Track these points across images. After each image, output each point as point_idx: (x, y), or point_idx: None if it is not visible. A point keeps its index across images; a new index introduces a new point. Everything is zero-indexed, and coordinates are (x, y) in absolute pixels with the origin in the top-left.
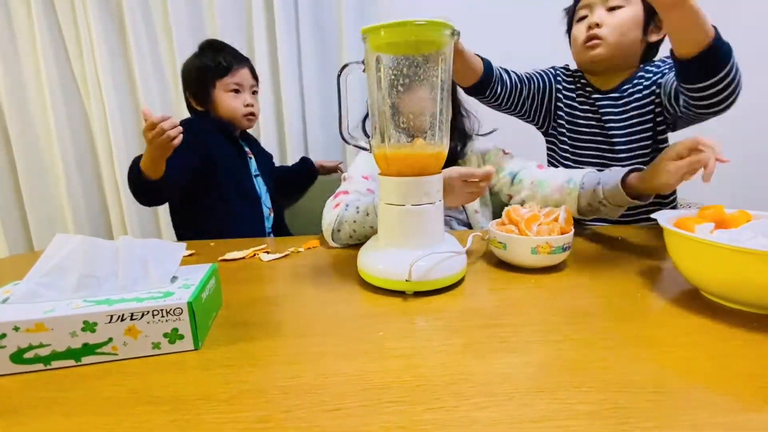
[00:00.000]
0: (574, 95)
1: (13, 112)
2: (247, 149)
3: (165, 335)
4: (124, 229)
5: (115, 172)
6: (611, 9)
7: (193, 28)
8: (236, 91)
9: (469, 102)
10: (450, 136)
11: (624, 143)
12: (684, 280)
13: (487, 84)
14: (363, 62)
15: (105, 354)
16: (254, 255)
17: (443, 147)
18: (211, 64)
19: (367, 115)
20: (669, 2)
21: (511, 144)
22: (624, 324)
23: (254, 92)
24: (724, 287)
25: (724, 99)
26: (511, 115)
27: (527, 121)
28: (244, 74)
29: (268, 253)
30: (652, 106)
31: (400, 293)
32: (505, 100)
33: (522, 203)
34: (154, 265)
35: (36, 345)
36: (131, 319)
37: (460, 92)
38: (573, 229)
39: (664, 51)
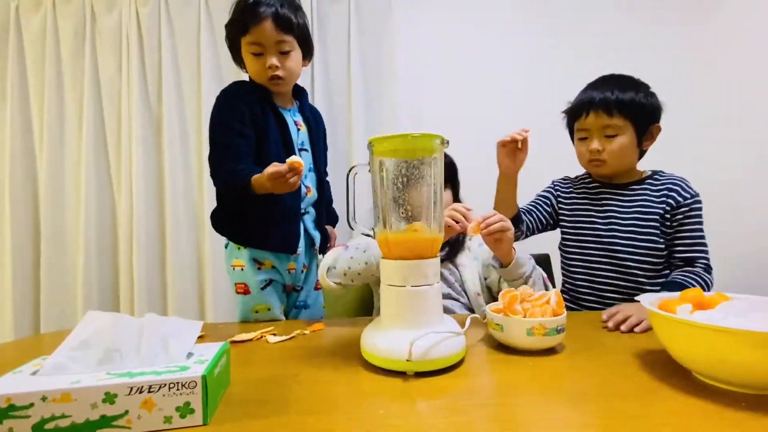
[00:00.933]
0: (574, 194)
1: (48, 199)
2: (296, 118)
3: (177, 409)
4: None
5: (132, 266)
6: (608, 136)
7: None
8: (258, 53)
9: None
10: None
11: (625, 238)
12: (675, 361)
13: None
14: (369, 164)
15: (119, 428)
16: (262, 337)
17: (438, 233)
18: (234, 18)
19: None
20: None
21: None
22: (619, 404)
23: (284, 52)
24: (706, 366)
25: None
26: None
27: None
28: (263, 30)
29: (275, 335)
30: (658, 218)
31: (401, 374)
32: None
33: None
34: (173, 341)
35: (58, 416)
36: (149, 392)
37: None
38: (565, 312)
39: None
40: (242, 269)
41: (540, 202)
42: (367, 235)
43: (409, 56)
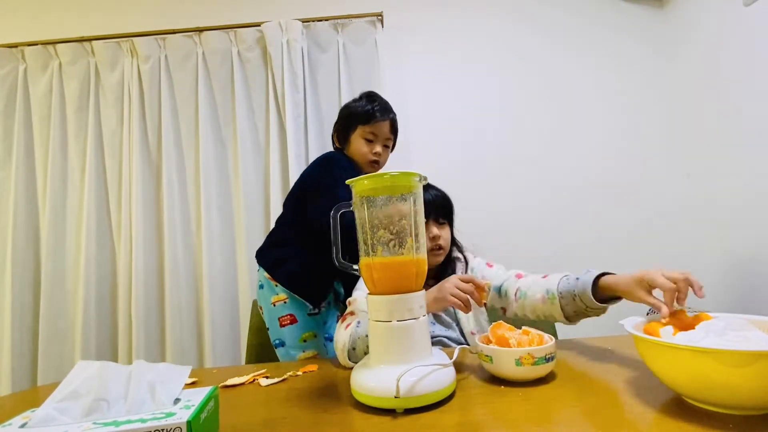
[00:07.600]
0: None
1: (50, 250)
2: None
3: None
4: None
5: (131, 315)
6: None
7: (219, 176)
8: (370, 140)
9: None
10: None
11: None
12: (664, 386)
13: None
14: (351, 202)
15: None
16: (254, 380)
17: (420, 259)
18: (360, 111)
19: None
20: None
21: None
22: None
23: (386, 146)
24: (690, 388)
25: None
26: None
27: None
28: (382, 127)
29: (267, 377)
30: None
31: (391, 411)
32: None
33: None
34: (161, 387)
35: None
36: None
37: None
38: (554, 340)
39: None
40: (285, 302)
41: None
42: (354, 272)
43: (395, 99)
